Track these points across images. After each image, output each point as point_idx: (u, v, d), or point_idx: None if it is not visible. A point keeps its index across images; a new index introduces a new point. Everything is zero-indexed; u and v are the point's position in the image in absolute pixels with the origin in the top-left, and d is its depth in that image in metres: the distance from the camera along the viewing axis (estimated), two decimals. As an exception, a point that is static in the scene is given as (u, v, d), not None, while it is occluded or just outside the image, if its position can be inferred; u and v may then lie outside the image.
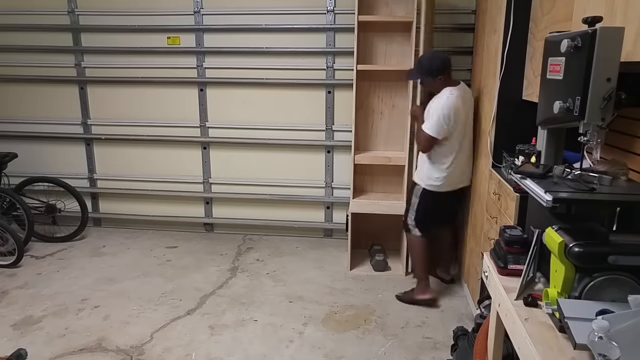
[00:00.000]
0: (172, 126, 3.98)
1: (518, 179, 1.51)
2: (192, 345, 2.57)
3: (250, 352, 2.51)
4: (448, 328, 2.68)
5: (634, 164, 1.58)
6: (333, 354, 2.50)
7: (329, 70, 3.72)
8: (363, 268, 3.47)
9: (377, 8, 3.38)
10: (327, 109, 3.80)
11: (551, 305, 1.20)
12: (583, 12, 1.56)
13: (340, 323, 2.80)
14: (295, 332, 2.69)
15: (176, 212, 4.15)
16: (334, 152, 3.87)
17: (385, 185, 3.71)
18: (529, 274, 1.40)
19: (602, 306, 1.11)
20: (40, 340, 2.62)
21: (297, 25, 3.67)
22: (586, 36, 1.27)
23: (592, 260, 1.18)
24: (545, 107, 1.51)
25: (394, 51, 3.46)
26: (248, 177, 4.02)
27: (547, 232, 1.29)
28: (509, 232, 1.51)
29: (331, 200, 3.97)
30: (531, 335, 1.17)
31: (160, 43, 3.83)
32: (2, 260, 3.49)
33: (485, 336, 1.65)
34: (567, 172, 1.43)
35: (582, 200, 1.33)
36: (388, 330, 2.71)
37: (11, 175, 3.86)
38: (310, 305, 2.99)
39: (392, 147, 3.63)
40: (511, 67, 2.37)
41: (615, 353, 0.93)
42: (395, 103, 3.56)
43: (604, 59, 1.25)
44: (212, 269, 3.47)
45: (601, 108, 1.28)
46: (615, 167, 1.45)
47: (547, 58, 1.51)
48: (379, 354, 2.50)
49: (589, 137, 1.34)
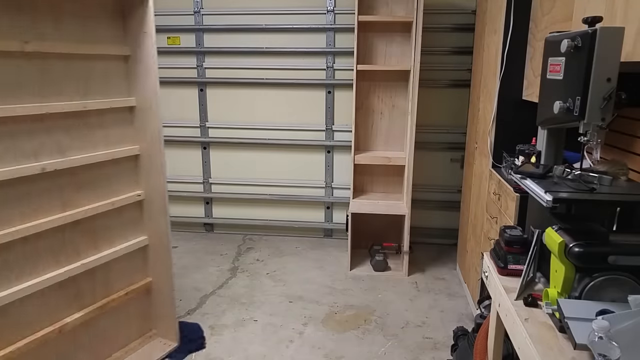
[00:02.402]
0: (172, 126, 3.98)
1: (518, 179, 1.51)
2: (192, 345, 2.57)
3: (250, 352, 2.51)
4: (448, 328, 2.69)
5: (634, 164, 1.58)
6: (333, 354, 2.50)
7: (329, 70, 3.73)
8: (363, 268, 3.47)
9: (377, 8, 3.38)
10: (327, 109, 3.80)
11: (551, 305, 1.20)
12: (583, 12, 1.56)
13: (340, 323, 2.80)
14: (295, 332, 2.70)
15: (176, 212, 4.15)
16: (334, 152, 3.87)
17: (385, 185, 3.72)
18: (529, 274, 1.40)
19: (602, 306, 1.11)
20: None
21: (297, 25, 3.67)
22: (586, 36, 1.27)
23: (592, 260, 1.18)
24: (545, 107, 1.51)
25: (394, 51, 3.46)
26: (248, 177, 4.02)
27: (547, 232, 1.29)
28: (509, 232, 1.51)
29: (331, 200, 3.97)
30: (531, 335, 1.16)
31: (160, 43, 3.83)
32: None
33: (485, 336, 1.65)
34: (567, 172, 1.43)
35: (582, 200, 1.33)
36: (388, 330, 2.71)
37: None
38: (310, 305, 2.99)
39: (392, 147, 3.63)
40: (511, 67, 2.37)
41: (615, 353, 0.93)
42: (395, 103, 3.56)
43: (604, 59, 1.25)
44: (212, 269, 3.47)
45: (601, 108, 1.28)
46: (615, 167, 1.45)
47: (547, 58, 1.51)
48: (379, 354, 2.50)
49: (589, 137, 1.33)
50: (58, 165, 1.96)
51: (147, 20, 2.14)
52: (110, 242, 2.26)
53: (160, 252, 2.43)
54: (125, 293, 2.33)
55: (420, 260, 3.63)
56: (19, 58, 1.81)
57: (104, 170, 2.20)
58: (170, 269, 2.42)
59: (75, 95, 2.04)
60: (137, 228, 2.38)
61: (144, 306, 2.47)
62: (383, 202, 3.50)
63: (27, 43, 1.81)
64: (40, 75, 1.90)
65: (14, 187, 1.83)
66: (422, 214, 3.84)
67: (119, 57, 2.22)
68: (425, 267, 3.53)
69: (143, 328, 2.49)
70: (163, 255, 2.42)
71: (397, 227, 3.61)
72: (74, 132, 2.05)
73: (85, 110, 2.07)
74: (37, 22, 1.86)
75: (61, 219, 1.99)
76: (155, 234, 2.41)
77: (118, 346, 2.35)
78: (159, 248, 2.43)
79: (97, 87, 2.13)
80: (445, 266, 3.56)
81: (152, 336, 2.52)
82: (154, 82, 2.21)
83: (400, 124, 3.57)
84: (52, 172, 1.96)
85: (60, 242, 2.03)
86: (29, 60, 1.85)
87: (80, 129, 2.08)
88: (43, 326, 1.98)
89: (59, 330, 2.03)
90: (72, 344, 2.13)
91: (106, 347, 2.30)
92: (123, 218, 2.31)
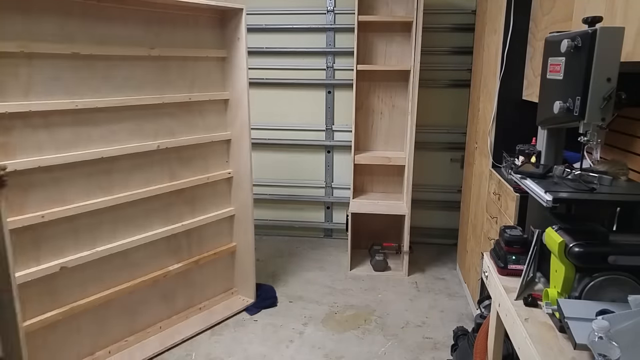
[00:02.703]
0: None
1: (518, 179, 1.51)
2: (192, 345, 2.57)
3: (250, 352, 2.52)
4: (448, 328, 2.69)
5: (634, 164, 1.58)
6: (333, 354, 2.50)
7: (329, 70, 3.73)
8: (363, 268, 3.47)
9: (377, 8, 3.38)
10: (327, 109, 3.80)
11: (551, 305, 1.20)
12: (583, 12, 1.56)
13: (340, 323, 2.80)
14: (295, 332, 2.70)
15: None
16: (334, 152, 3.87)
17: (385, 185, 3.72)
18: (529, 274, 1.40)
19: (602, 306, 1.11)
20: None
21: (297, 25, 3.68)
22: (586, 36, 1.27)
23: (592, 260, 1.18)
24: (545, 107, 1.51)
25: (394, 51, 3.46)
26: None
27: (547, 232, 1.29)
28: (509, 232, 1.51)
29: (331, 200, 3.97)
30: (531, 335, 1.16)
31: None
32: None
33: (485, 336, 1.65)
34: (567, 172, 1.43)
35: (582, 200, 1.33)
36: (388, 330, 2.71)
37: None
38: (310, 305, 2.99)
39: (392, 147, 3.63)
40: (511, 67, 2.37)
41: (616, 353, 0.93)
42: (395, 103, 3.56)
43: (604, 59, 1.25)
44: (212, 269, 3.47)
45: (601, 108, 1.28)
46: (615, 167, 1.45)
47: (547, 58, 1.51)
48: (379, 354, 2.51)
49: (589, 137, 1.33)
50: (169, 144, 2.50)
51: (241, 29, 2.60)
52: (204, 210, 2.75)
53: (243, 222, 2.90)
54: (214, 253, 2.82)
55: (420, 260, 3.63)
56: (146, 60, 2.37)
57: (203, 150, 2.70)
58: (251, 237, 2.89)
59: (184, 89, 2.56)
60: (226, 200, 2.87)
61: (229, 267, 2.96)
62: (383, 202, 3.50)
63: (152, 49, 2.37)
64: (160, 73, 2.44)
65: (136, 159, 2.38)
66: (422, 214, 3.84)
67: (218, 59, 2.71)
68: (425, 267, 3.53)
69: (227, 285, 2.98)
70: (246, 225, 2.89)
71: (397, 227, 3.61)
72: (182, 118, 2.56)
73: (190, 101, 2.57)
74: (161, 33, 2.41)
75: (169, 187, 2.53)
76: (240, 206, 2.90)
77: (206, 297, 2.87)
78: (243, 218, 2.90)
79: (200, 83, 2.63)
80: (445, 266, 3.56)
81: (233, 293, 3.00)
82: (244, 79, 2.66)
83: (400, 124, 3.57)
84: (164, 149, 2.49)
85: (168, 206, 2.55)
86: (153, 62, 2.40)
87: (186, 116, 2.59)
88: (153, 270, 2.53)
89: (164, 275, 2.57)
90: (173, 288, 2.67)
91: (197, 296, 2.81)
92: (216, 191, 2.80)
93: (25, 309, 2.01)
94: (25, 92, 1.96)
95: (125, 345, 2.44)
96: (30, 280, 2.01)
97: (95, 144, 2.20)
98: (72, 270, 2.16)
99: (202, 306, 2.82)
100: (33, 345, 2.07)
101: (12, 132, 1.93)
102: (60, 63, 2.04)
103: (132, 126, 2.33)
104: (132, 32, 2.28)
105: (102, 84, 2.19)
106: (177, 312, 2.70)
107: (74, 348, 2.25)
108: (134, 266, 2.43)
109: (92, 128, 2.18)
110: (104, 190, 2.25)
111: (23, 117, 1.95)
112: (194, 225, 2.67)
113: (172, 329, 2.64)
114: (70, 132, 2.11)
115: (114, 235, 2.32)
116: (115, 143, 2.27)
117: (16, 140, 1.94)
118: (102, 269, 2.29)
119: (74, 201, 2.14)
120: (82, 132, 2.15)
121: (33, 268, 2.02)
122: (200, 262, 2.74)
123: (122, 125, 2.29)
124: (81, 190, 2.17)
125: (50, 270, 2.07)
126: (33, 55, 1.96)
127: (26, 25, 1.92)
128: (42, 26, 1.97)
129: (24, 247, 1.99)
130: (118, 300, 2.38)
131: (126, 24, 2.26)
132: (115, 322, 2.40)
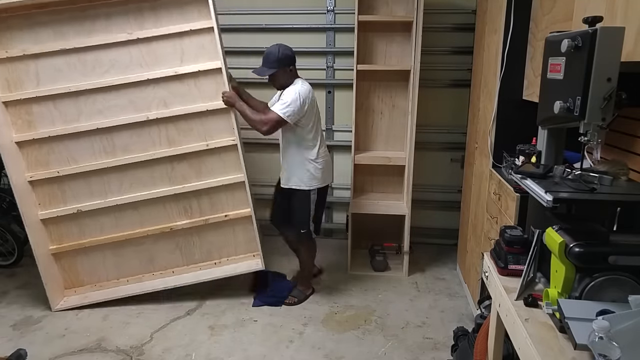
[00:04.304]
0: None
1: (518, 179, 1.51)
2: (192, 346, 2.57)
3: (250, 352, 2.51)
4: (448, 328, 2.68)
5: (634, 164, 1.58)
6: (333, 354, 2.50)
7: (329, 70, 3.73)
8: (363, 268, 3.47)
9: (377, 8, 3.38)
10: (327, 109, 3.80)
11: (551, 305, 1.20)
12: (583, 12, 1.56)
13: (340, 323, 2.79)
14: (295, 332, 2.69)
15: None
16: (334, 152, 3.87)
17: (385, 185, 3.72)
18: (529, 274, 1.40)
19: (603, 306, 1.11)
20: (40, 340, 2.62)
21: (297, 25, 3.67)
22: (586, 36, 1.27)
23: (593, 261, 1.18)
24: (545, 107, 1.51)
25: (394, 51, 3.46)
26: (248, 178, 4.00)
27: (548, 232, 1.29)
28: (509, 232, 1.51)
29: (331, 200, 3.96)
30: (531, 335, 1.16)
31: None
32: (2, 260, 3.49)
33: (485, 336, 1.65)
34: (568, 172, 1.43)
35: (583, 200, 1.33)
36: (388, 331, 2.71)
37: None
38: (310, 305, 2.99)
39: (392, 147, 3.63)
40: (511, 67, 2.37)
41: (616, 353, 0.93)
42: (395, 103, 3.56)
43: (605, 58, 1.25)
44: (212, 269, 3.47)
45: (601, 108, 1.28)
46: (615, 167, 1.45)
47: (547, 58, 1.51)
48: (379, 354, 2.50)
49: (589, 137, 1.33)
50: (159, 115, 2.82)
51: None
52: (209, 174, 2.96)
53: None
54: (225, 215, 3.03)
55: (420, 261, 3.62)
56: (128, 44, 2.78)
57: (202, 119, 2.87)
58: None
59: (174, 63, 2.82)
60: (235, 167, 2.98)
61: (249, 232, 3.07)
62: (383, 202, 3.50)
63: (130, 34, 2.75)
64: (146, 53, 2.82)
65: (134, 128, 2.84)
66: (422, 214, 3.84)
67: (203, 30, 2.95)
68: (425, 267, 3.53)
69: (249, 248, 3.13)
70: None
71: (397, 227, 3.60)
72: (173, 89, 2.83)
73: (178, 74, 2.80)
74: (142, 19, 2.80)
75: (167, 152, 2.88)
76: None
77: (224, 255, 3.13)
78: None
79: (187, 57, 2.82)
80: (446, 266, 3.56)
81: (255, 256, 3.13)
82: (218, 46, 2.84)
83: (400, 124, 3.57)
84: (160, 119, 2.82)
85: (170, 170, 2.92)
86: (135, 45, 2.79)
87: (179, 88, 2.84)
88: (160, 224, 2.99)
89: (170, 228, 2.99)
90: (187, 241, 3.06)
91: (214, 252, 3.11)
92: (221, 158, 2.96)
93: (60, 236, 2.96)
94: (36, 83, 2.76)
95: (139, 279, 3.06)
96: (58, 216, 2.91)
97: (94, 118, 2.81)
98: (89, 213, 2.92)
99: (217, 262, 3.11)
100: (73, 261, 3.02)
101: (32, 112, 2.78)
102: (58, 59, 2.74)
103: (124, 102, 2.80)
104: (115, 22, 2.73)
105: (90, 70, 2.76)
106: (192, 263, 3.10)
107: (102, 272, 3.06)
108: (144, 217, 2.96)
109: (91, 105, 2.80)
110: (108, 153, 2.86)
111: (38, 101, 2.76)
112: (200, 187, 2.94)
113: (183, 275, 3.06)
114: (75, 109, 2.80)
115: (121, 191, 2.91)
116: (112, 115, 2.81)
117: (36, 118, 2.79)
118: (116, 216, 2.95)
119: (83, 162, 2.86)
120: (83, 109, 2.80)
121: (61, 207, 2.91)
122: (210, 221, 3.01)
123: (116, 101, 2.80)
124: (88, 153, 2.85)
125: (69, 211, 2.90)
126: (38, 56, 2.72)
127: (28, 33, 2.70)
128: (40, 33, 2.71)
129: (53, 194, 2.90)
130: (132, 243, 3.00)
131: (109, 17, 2.73)
132: (132, 261, 3.04)
